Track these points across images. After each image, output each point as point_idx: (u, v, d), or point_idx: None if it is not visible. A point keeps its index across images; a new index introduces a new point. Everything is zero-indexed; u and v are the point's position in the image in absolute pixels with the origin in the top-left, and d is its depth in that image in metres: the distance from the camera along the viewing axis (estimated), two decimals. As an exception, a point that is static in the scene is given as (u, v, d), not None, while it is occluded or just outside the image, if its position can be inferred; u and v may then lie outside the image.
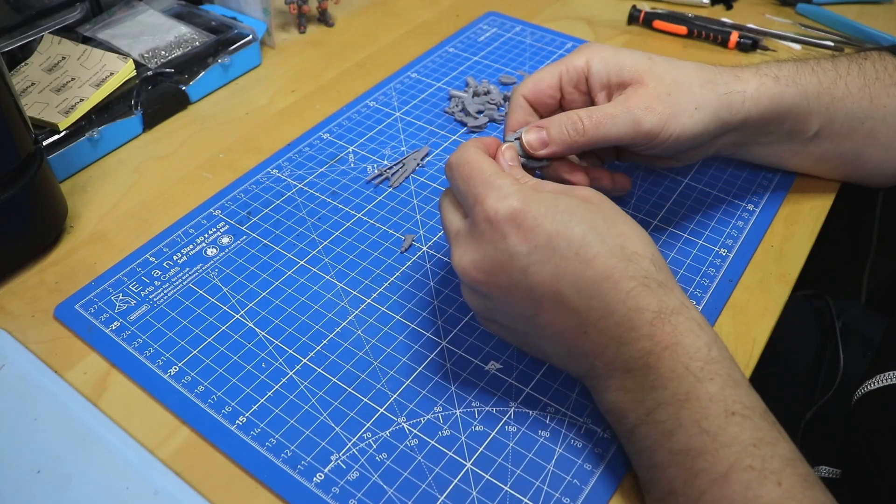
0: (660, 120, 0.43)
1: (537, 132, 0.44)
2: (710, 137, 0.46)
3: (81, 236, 0.53)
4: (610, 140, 0.43)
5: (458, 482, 0.38)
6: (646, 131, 0.43)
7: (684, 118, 0.43)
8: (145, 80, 0.62)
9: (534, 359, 0.44)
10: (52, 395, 0.42)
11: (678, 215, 0.53)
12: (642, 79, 0.44)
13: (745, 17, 0.77)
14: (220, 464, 0.39)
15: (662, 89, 0.44)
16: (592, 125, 0.43)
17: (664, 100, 0.43)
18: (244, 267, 0.50)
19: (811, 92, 0.48)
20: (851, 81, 0.49)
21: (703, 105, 0.44)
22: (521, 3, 0.80)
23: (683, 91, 0.44)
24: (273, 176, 0.57)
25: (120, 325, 0.46)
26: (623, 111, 0.43)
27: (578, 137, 0.43)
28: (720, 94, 0.45)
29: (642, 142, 0.44)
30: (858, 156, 0.51)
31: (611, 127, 0.43)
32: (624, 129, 0.43)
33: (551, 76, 0.46)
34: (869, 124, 0.49)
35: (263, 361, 0.44)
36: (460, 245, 0.38)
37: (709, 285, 0.48)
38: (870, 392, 0.48)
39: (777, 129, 0.49)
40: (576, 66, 0.46)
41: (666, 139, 0.44)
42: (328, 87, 0.67)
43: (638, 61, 0.45)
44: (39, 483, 0.38)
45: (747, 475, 0.31)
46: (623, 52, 0.45)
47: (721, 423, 0.33)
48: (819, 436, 0.60)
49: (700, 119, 0.44)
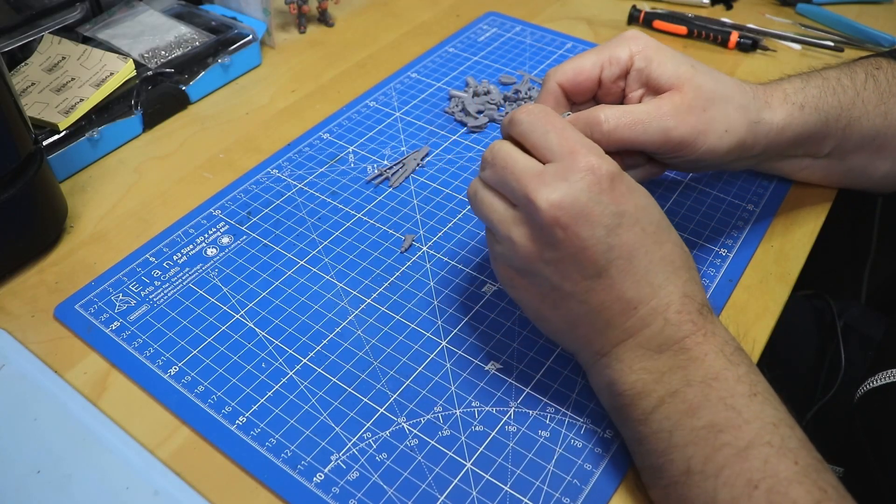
0: (690, 134, 0.42)
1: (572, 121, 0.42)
2: (729, 160, 0.46)
3: (81, 236, 0.53)
4: (637, 145, 0.42)
5: (458, 482, 0.38)
6: (675, 143, 0.42)
7: (713, 138, 0.43)
8: (145, 80, 0.62)
9: (534, 359, 0.44)
10: (52, 395, 0.42)
11: (678, 215, 0.53)
12: (682, 86, 0.43)
13: (745, 17, 0.77)
14: (220, 464, 0.39)
15: (699, 103, 0.43)
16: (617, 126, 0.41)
17: (699, 115, 0.42)
18: (244, 267, 0.50)
19: (832, 116, 0.48)
20: (868, 98, 0.49)
21: (733, 129, 0.43)
22: (521, 3, 0.80)
23: (719, 110, 0.43)
24: (273, 176, 0.57)
25: (120, 325, 0.46)
26: (655, 118, 0.42)
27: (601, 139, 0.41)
28: (751, 121, 0.44)
29: (668, 152, 0.43)
30: (864, 169, 0.52)
31: (640, 133, 0.42)
32: (654, 136, 0.42)
33: (592, 67, 0.44)
34: (879, 141, 0.50)
35: (263, 361, 0.44)
36: (549, 183, 0.36)
37: (709, 285, 0.48)
38: (871, 390, 0.48)
39: (793, 153, 0.50)
40: (619, 59, 0.44)
41: (692, 154, 0.43)
42: (328, 87, 0.67)
43: (681, 67, 0.43)
44: (39, 483, 0.38)
45: (766, 451, 0.32)
46: (667, 53, 0.44)
47: (745, 401, 0.34)
48: (820, 435, 0.60)
49: (728, 142, 0.43)
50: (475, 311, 0.47)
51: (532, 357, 0.44)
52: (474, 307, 0.47)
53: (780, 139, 0.46)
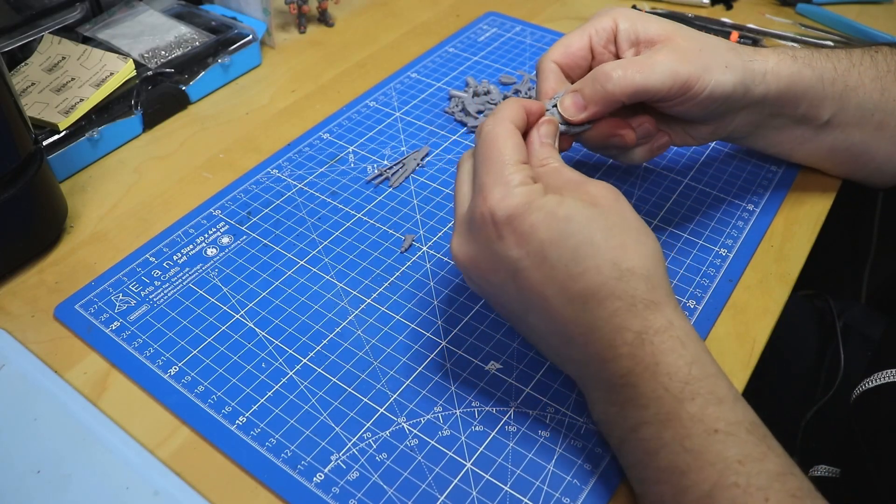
0: (695, 70, 0.42)
1: (572, 97, 0.43)
2: (735, 104, 0.46)
3: (81, 236, 0.53)
4: (647, 90, 0.42)
5: (458, 482, 0.38)
6: (683, 80, 0.42)
7: (717, 73, 0.43)
8: (145, 80, 0.62)
9: (534, 359, 0.44)
10: (52, 395, 0.42)
11: (678, 215, 0.53)
12: (671, 36, 0.44)
13: (745, 17, 0.77)
14: (220, 464, 0.39)
15: (694, 45, 0.43)
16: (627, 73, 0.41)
17: (696, 54, 0.43)
18: (244, 267, 0.50)
19: (827, 77, 0.48)
20: (864, 72, 0.49)
21: (732, 65, 0.44)
22: (521, 3, 0.80)
23: (713, 51, 0.44)
24: (273, 176, 0.57)
25: (120, 325, 0.46)
26: (660, 60, 0.42)
27: (613, 88, 0.41)
28: (745, 60, 0.45)
29: (678, 93, 0.43)
30: (867, 149, 0.51)
31: (650, 74, 0.41)
32: (662, 76, 0.42)
33: (580, 38, 0.45)
34: (878, 116, 0.50)
35: (263, 361, 0.44)
36: (460, 234, 0.38)
37: (709, 285, 0.48)
38: (868, 390, 0.48)
39: (792, 111, 0.49)
40: (604, 26, 0.45)
41: (700, 91, 0.43)
42: (328, 87, 0.67)
43: (662, 21, 0.45)
44: (39, 483, 0.38)
45: (732, 492, 0.31)
46: (647, 15, 0.45)
47: (704, 441, 0.32)
48: (819, 435, 0.60)
49: (731, 78, 0.44)
50: (475, 311, 0.47)
51: (532, 357, 0.44)
52: (474, 307, 0.47)
53: (778, 86, 0.46)
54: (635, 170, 0.57)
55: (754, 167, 0.57)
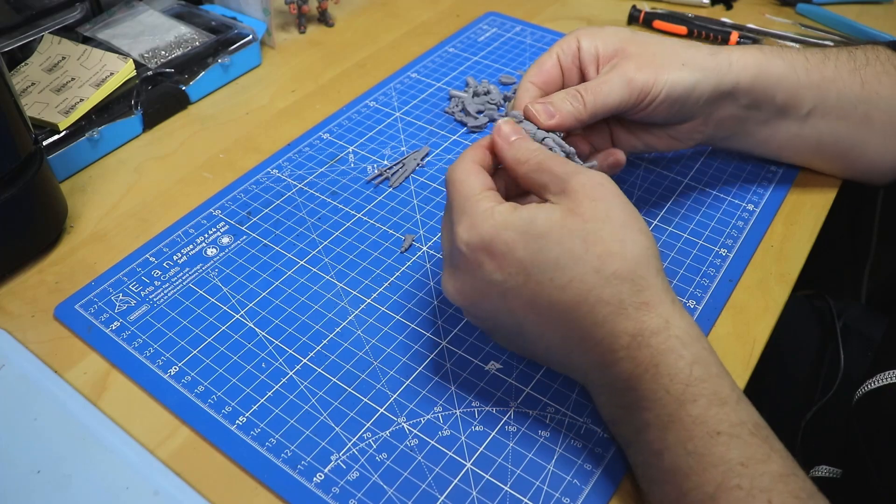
0: (649, 76, 0.45)
1: (543, 104, 0.45)
2: (703, 99, 0.47)
3: (81, 236, 0.53)
4: (609, 105, 0.45)
5: (458, 482, 0.38)
6: (639, 88, 0.45)
7: (673, 71, 0.46)
8: (145, 80, 0.62)
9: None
10: (52, 395, 0.42)
11: (678, 215, 0.53)
12: (625, 48, 0.47)
13: (745, 17, 0.77)
14: (220, 464, 0.39)
15: (647, 52, 0.46)
16: (591, 95, 0.45)
17: (650, 60, 0.46)
18: (244, 267, 0.50)
19: (799, 66, 0.49)
20: (841, 65, 0.50)
21: (689, 62, 0.46)
22: (521, 3, 0.80)
23: (668, 53, 0.47)
24: (273, 176, 0.57)
25: (120, 325, 0.46)
26: (614, 75, 0.45)
27: (581, 108, 0.44)
28: (705, 54, 0.47)
29: (637, 101, 0.45)
30: (856, 143, 0.52)
31: (608, 92, 0.45)
32: (618, 89, 0.45)
33: (550, 58, 0.48)
34: (863, 108, 0.50)
35: (263, 361, 0.44)
36: (446, 270, 0.40)
37: (709, 285, 0.48)
38: (870, 391, 0.48)
39: (770, 102, 0.50)
40: (569, 46, 0.48)
41: (658, 94, 0.45)
42: (328, 87, 0.67)
43: (620, 34, 0.48)
44: (39, 483, 0.38)
45: (735, 495, 0.31)
46: (608, 29, 0.48)
47: (706, 443, 0.32)
48: (819, 436, 0.60)
49: (689, 74, 0.46)
50: (475, 311, 0.47)
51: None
52: (474, 307, 0.47)
53: (748, 75, 0.48)
54: (635, 170, 0.57)
55: (754, 167, 0.57)
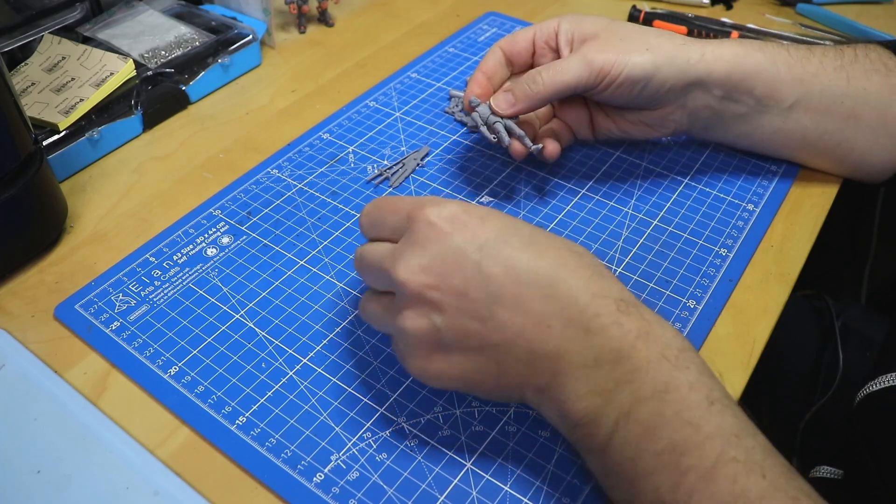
0: (609, 58, 0.47)
1: (504, 94, 0.49)
2: (668, 85, 0.48)
3: (81, 236, 0.53)
4: (567, 83, 0.47)
5: (458, 482, 0.38)
6: (598, 69, 0.47)
7: (635, 55, 0.47)
8: (145, 80, 0.62)
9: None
10: (52, 395, 0.42)
11: (678, 215, 0.53)
12: (598, 33, 0.49)
13: (745, 17, 0.77)
14: (220, 464, 0.39)
15: (615, 37, 0.48)
16: (550, 76, 0.47)
17: (615, 43, 0.48)
18: (244, 267, 0.50)
19: (780, 60, 0.50)
20: (827, 62, 0.50)
21: (654, 47, 0.48)
22: (521, 3, 0.80)
23: (636, 38, 0.48)
24: (273, 176, 0.57)
25: (120, 325, 0.46)
26: (576, 56, 0.48)
27: (539, 88, 0.47)
28: (676, 44, 0.48)
29: (597, 81, 0.47)
30: (843, 138, 0.51)
31: (566, 70, 0.47)
32: (576, 68, 0.47)
33: (525, 33, 0.51)
34: (849, 104, 0.50)
35: (263, 361, 0.44)
36: (402, 256, 0.35)
37: (709, 285, 0.48)
38: (872, 393, 0.48)
39: (747, 94, 0.50)
40: (548, 26, 0.51)
41: (617, 75, 0.47)
42: (328, 87, 0.67)
43: (599, 21, 0.50)
44: (39, 483, 0.38)
45: (733, 467, 0.30)
46: (592, 17, 0.50)
47: (703, 412, 0.31)
48: (819, 436, 0.60)
49: (652, 59, 0.47)
50: (475, 311, 0.47)
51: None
52: (474, 307, 0.47)
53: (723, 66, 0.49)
54: (636, 169, 0.57)
55: (754, 167, 0.57)
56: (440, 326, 0.35)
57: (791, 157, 0.55)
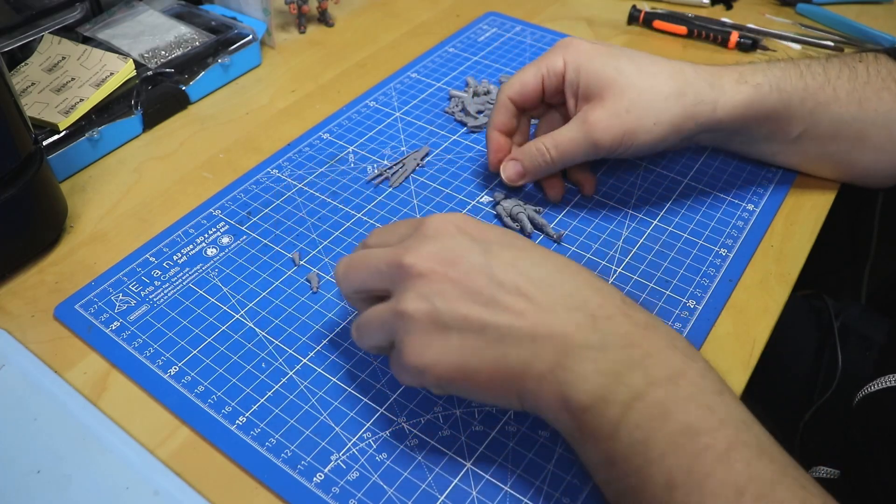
0: (615, 138, 0.47)
1: (514, 165, 0.51)
2: (673, 143, 0.49)
3: (81, 236, 0.53)
4: (575, 161, 0.50)
5: (458, 482, 0.38)
6: (605, 151, 0.48)
7: (641, 134, 0.47)
8: (145, 80, 0.62)
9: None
10: (52, 395, 0.42)
11: (678, 215, 0.53)
12: (603, 94, 0.47)
13: (745, 17, 0.77)
14: (220, 464, 0.39)
15: (622, 105, 0.47)
16: (558, 154, 0.49)
17: (622, 117, 0.47)
18: (244, 267, 0.50)
19: (795, 98, 0.48)
20: (840, 86, 0.49)
21: (662, 120, 0.47)
22: (521, 3, 0.80)
23: (643, 106, 0.47)
24: (273, 176, 0.57)
25: (120, 325, 0.46)
26: (582, 135, 0.48)
27: (548, 166, 0.50)
28: (686, 105, 0.47)
29: (603, 156, 0.49)
30: (846, 156, 0.52)
31: (575, 152, 0.49)
32: (584, 150, 0.48)
33: (534, 78, 0.50)
34: (857, 126, 0.50)
35: (263, 361, 0.44)
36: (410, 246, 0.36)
37: (709, 285, 0.48)
38: (871, 394, 0.48)
39: (755, 132, 0.50)
40: (556, 69, 0.49)
41: (626, 151, 0.48)
42: (328, 87, 0.67)
43: (605, 72, 0.47)
44: (39, 483, 0.38)
45: (746, 452, 0.30)
46: (596, 59, 0.48)
47: (716, 399, 0.32)
48: (818, 436, 0.60)
49: (658, 133, 0.47)
50: (475, 311, 0.47)
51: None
52: (474, 307, 0.47)
53: (732, 116, 0.48)
54: (636, 169, 0.57)
55: (754, 167, 0.57)
56: (441, 308, 0.34)
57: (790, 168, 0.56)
